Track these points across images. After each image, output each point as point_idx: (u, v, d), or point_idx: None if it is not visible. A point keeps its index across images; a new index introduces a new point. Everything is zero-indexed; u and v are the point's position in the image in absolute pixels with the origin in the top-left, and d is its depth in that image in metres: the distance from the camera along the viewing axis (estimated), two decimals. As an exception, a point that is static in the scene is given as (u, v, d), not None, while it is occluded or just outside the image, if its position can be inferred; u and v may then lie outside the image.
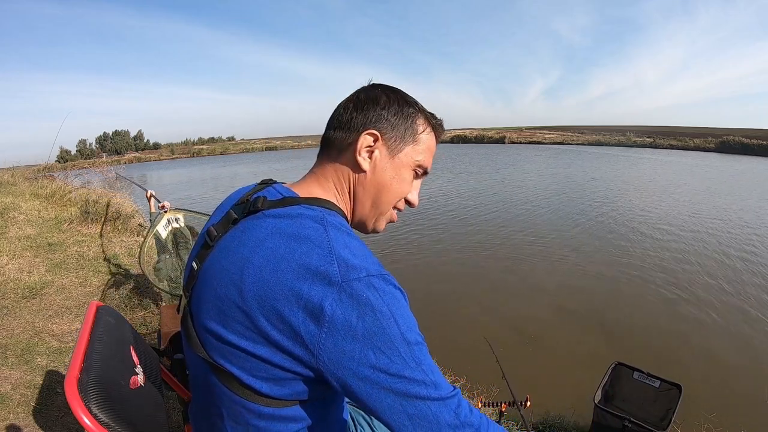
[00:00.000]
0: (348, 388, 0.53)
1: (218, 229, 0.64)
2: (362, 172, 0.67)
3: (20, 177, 6.46)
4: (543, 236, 6.98)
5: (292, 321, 0.52)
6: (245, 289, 0.54)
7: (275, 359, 0.54)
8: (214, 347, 0.58)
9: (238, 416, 0.61)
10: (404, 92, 0.71)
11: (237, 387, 0.58)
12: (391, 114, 0.67)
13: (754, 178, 14.93)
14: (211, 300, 0.58)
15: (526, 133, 44.88)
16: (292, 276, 0.52)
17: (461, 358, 3.07)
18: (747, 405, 2.81)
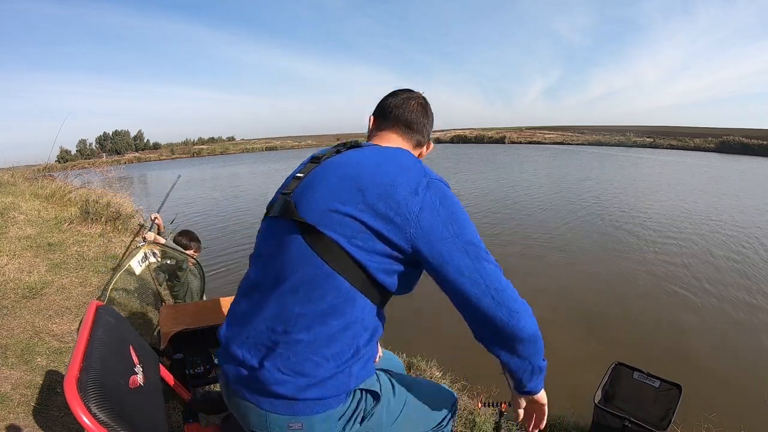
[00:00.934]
0: (433, 248, 0.74)
1: (321, 155, 0.89)
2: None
3: (20, 177, 6.47)
4: (542, 236, 6.98)
5: (398, 197, 0.74)
6: (361, 179, 0.76)
7: (376, 226, 0.73)
8: (324, 220, 0.75)
9: (317, 290, 0.74)
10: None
11: (334, 255, 0.74)
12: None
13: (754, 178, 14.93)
14: (326, 188, 0.78)
15: (526, 133, 44.87)
16: (396, 170, 0.77)
17: (461, 358, 3.07)
18: (747, 405, 2.81)
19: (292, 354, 0.74)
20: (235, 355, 0.79)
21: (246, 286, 0.85)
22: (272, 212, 0.85)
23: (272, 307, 0.77)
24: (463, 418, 1.95)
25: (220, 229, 8.28)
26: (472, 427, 1.89)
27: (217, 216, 9.70)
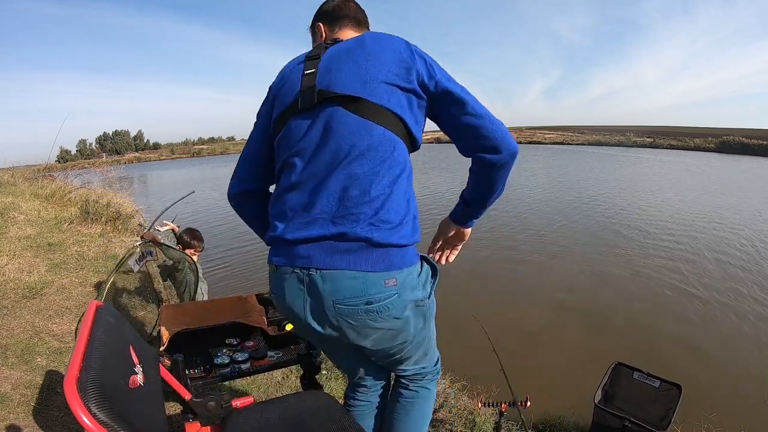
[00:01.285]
0: (443, 85, 0.90)
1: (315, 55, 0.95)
2: None
3: (20, 177, 6.47)
4: (542, 236, 6.98)
5: (410, 62, 0.89)
6: (379, 54, 0.90)
7: (408, 86, 0.88)
8: (366, 91, 0.87)
9: (380, 150, 0.86)
10: None
11: (384, 117, 0.87)
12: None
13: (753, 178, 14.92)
14: (353, 67, 0.89)
15: (526, 133, 44.88)
16: (395, 44, 0.92)
17: (461, 358, 3.07)
18: (747, 405, 2.81)
19: (377, 208, 0.84)
20: (310, 238, 0.85)
21: (292, 183, 0.90)
22: (302, 104, 0.90)
23: (339, 181, 0.85)
24: (463, 418, 1.95)
25: (216, 227, 8.28)
26: (472, 427, 1.89)
27: (215, 216, 9.70)
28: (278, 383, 2.15)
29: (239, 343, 1.50)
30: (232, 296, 1.83)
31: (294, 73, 0.96)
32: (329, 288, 0.84)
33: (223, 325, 1.51)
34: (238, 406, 1.17)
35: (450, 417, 1.95)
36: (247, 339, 1.52)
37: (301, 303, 0.88)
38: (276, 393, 2.07)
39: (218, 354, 1.42)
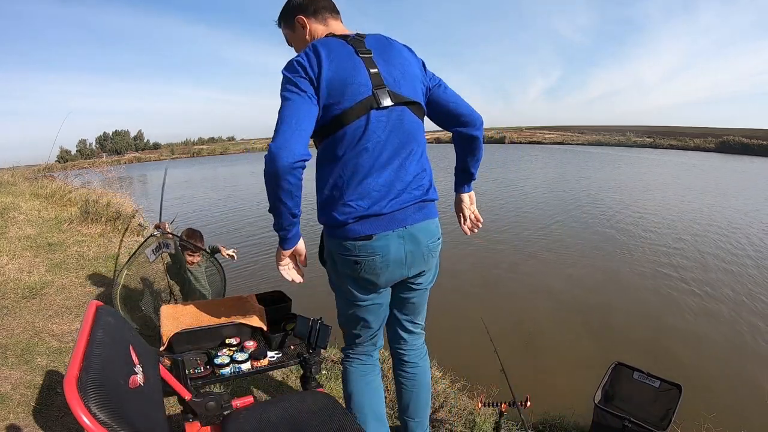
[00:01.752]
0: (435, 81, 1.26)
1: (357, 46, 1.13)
2: None
3: (20, 177, 6.46)
4: (543, 236, 6.98)
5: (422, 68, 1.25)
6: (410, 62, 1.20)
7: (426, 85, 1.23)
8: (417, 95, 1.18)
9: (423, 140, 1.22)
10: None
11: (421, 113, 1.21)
12: None
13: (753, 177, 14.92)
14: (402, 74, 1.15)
15: (526, 133, 44.87)
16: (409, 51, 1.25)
17: (461, 358, 3.07)
18: (747, 405, 2.81)
19: (430, 179, 1.23)
20: (401, 200, 1.14)
21: (371, 167, 1.10)
22: (382, 103, 1.09)
23: (411, 165, 1.16)
24: (463, 418, 1.95)
25: (215, 227, 8.29)
26: (472, 427, 1.89)
27: (214, 216, 9.71)
28: (278, 383, 2.15)
29: (239, 343, 1.50)
30: (232, 296, 1.83)
31: (349, 62, 1.09)
32: (423, 234, 1.19)
33: (223, 325, 1.51)
34: (238, 406, 1.17)
35: (450, 417, 1.95)
36: (247, 339, 1.52)
37: (402, 254, 1.16)
38: (276, 393, 2.07)
39: (218, 354, 1.42)
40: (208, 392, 1.20)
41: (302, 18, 1.20)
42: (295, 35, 1.24)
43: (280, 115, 1.04)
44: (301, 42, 1.24)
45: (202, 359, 1.42)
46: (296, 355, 1.49)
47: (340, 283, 1.25)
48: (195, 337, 1.46)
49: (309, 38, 1.21)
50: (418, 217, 1.17)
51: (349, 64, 1.08)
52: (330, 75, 1.06)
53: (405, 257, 1.17)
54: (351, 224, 1.11)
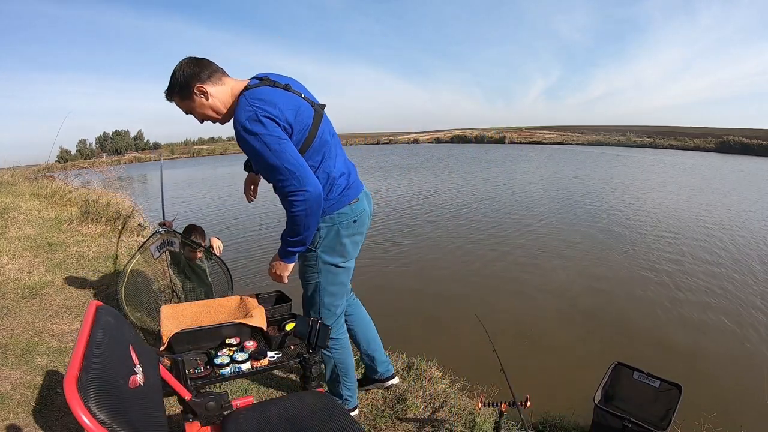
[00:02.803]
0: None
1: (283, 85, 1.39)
2: None
3: (20, 177, 6.46)
4: (542, 236, 6.98)
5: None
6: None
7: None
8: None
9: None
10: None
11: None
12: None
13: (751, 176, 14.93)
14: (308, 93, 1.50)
15: (526, 133, 44.86)
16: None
17: (461, 358, 3.07)
18: (747, 405, 2.81)
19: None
20: (354, 174, 1.60)
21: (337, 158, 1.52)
22: (319, 111, 1.45)
23: (342, 151, 1.59)
24: (463, 418, 1.95)
25: (215, 228, 8.28)
26: (472, 427, 1.89)
27: (214, 216, 9.71)
28: (278, 383, 2.15)
29: (239, 343, 1.50)
30: (232, 296, 1.83)
31: (292, 100, 1.37)
32: (369, 194, 1.66)
33: (223, 325, 1.51)
34: (238, 406, 1.17)
35: (450, 417, 1.95)
36: (247, 339, 1.52)
37: (369, 207, 1.64)
38: (276, 393, 2.07)
39: (218, 354, 1.42)
40: (208, 392, 1.20)
41: (201, 86, 1.33)
42: (196, 103, 1.37)
43: (291, 162, 1.28)
44: (206, 107, 1.38)
45: (202, 359, 1.42)
46: (296, 355, 1.49)
47: (334, 254, 1.56)
48: (195, 337, 1.46)
49: (213, 101, 1.36)
50: (362, 184, 1.63)
51: (292, 98, 1.36)
52: (290, 112, 1.33)
53: (370, 209, 1.65)
54: (344, 195, 1.51)
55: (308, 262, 1.58)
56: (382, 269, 5.54)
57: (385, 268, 5.60)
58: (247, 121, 1.25)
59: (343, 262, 1.59)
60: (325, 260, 1.56)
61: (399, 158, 26.25)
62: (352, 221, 1.54)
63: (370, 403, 2.00)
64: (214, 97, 1.36)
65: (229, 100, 1.39)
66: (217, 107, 1.38)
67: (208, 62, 1.36)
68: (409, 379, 2.23)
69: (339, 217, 1.51)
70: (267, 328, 1.57)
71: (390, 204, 10.04)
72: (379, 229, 7.50)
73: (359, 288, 2.02)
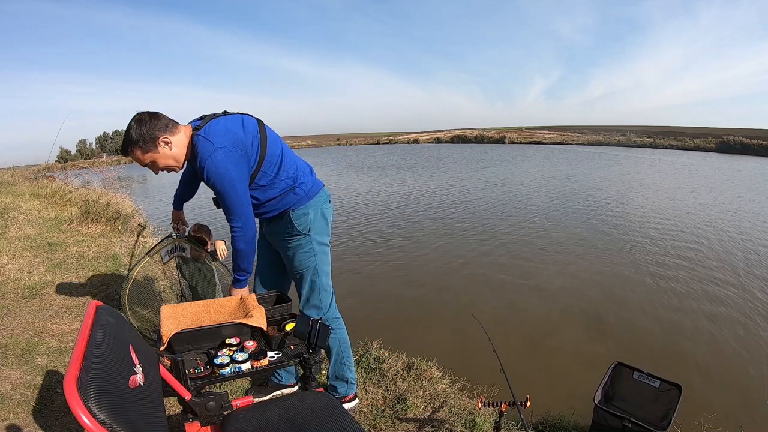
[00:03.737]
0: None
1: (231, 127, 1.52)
2: None
3: (20, 177, 6.47)
4: (542, 236, 6.98)
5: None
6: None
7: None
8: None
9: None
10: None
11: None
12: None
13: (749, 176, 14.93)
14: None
15: (526, 133, 44.85)
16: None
17: (461, 358, 3.07)
18: (747, 405, 2.81)
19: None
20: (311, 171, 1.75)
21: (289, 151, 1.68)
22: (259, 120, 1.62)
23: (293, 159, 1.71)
24: (463, 418, 1.95)
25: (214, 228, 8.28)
26: (472, 427, 1.89)
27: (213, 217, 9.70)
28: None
29: (239, 343, 1.50)
30: (232, 296, 1.83)
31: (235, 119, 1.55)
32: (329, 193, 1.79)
33: (223, 325, 1.51)
34: (238, 406, 1.17)
35: (450, 417, 1.95)
36: (247, 339, 1.52)
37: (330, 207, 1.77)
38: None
39: (218, 354, 1.42)
40: (208, 392, 1.20)
41: (165, 137, 1.44)
42: (160, 154, 1.46)
43: (239, 199, 1.49)
44: (169, 157, 1.48)
45: (202, 359, 1.42)
46: (296, 355, 1.49)
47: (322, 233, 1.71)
48: (195, 337, 1.46)
49: (175, 150, 1.47)
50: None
51: (236, 118, 1.54)
52: (247, 139, 1.51)
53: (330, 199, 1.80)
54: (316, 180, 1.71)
55: (304, 249, 1.69)
56: (382, 268, 5.55)
57: (385, 266, 5.60)
58: (209, 157, 1.41)
59: (329, 240, 1.77)
60: (319, 241, 1.70)
61: (398, 158, 26.26)
62: (327, 201, 1.74)
63: (370, 403, 2.00)
64: (175, 146, 1.46)
65: (185, 145, 1.50)
66: (178, 156, 1.49)
67: (162, 114, 1.47)
68: (409, 379, 2.23)
69: (319, 198, 1.68)
70: (267, 328, 1.56)
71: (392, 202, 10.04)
72: (380, 228, 7.50)
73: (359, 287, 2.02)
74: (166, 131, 1.44)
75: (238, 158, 1.46)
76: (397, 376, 2.21)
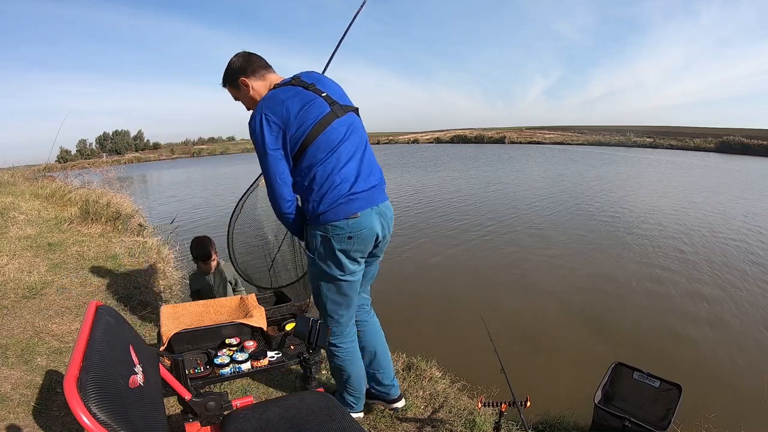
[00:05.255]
0: None
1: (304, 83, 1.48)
2: None
3: (20, 177, 6.47)
4: (543, 236, 6.98)
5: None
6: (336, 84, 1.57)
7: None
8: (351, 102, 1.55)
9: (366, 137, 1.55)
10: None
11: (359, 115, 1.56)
12: None
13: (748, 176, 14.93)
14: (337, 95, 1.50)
15: (526, 133, 44.84)
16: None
17: (461, 358, 3.07)
18: (747, 405, 2.81)
19: (380, 167, 1.56)
20: (368, 183, 1.46)
21: (344, 161, 1.42)
22: (340, 114, 1.44)
23: (367, 156, 1.50)
24: (463, 418, 1.95)
25: (214, 229, 8.28)
26: (472, 427, 1.89)
27: (213, 217, 9.71)
28: (278, 383, 2.15)
29: (239, 343, 1.50)
30: (232, 296, 1.83)
31: (301, 98, 1.41)
32: (388, 211, 1.54)
33: (223, 325, 1.51)
34: (238, 406, 1.17)
35: (450, 417, 1.95)
36: (247, 339, 1.52)
37: (379, 226, 1.49)
38: (276, 393, 2.07)
39: (218, 354, 1.42)
40: (208, 392, 1.20)
41: (244, 79, 1.49)
42: (241, 93, 1.53)
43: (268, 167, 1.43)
44: (247, 98, 1.53)
45: (202, 359, 1.42)
46: (296, 355, 1.49)
47: (333, 265, 1.49)
48: (195, 337, 1.46)
49: (253, 93, 1.51)
50: (382, 197, 1.52)
51: (304, 97, 1.42)
52: (295, 111, 1.39)
53: (381, 228, 1.50)
54: (341, 207, 1.41)
55: (311, 267, 1.56)
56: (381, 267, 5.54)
57: (383, 265, 5.60)
58: (252, 116, 1.43)
59: (343, 276, 1.51)
60: (323, 269, 1.51)
61: (397, 158, 26.25)
62: (346, 237, 1.43)
63: (370, 403, 2.00)
64: (254, 90, 1.50)
65: (263, 94, 1.50)
66: (255, 99, 1.50)
67: (256, 58, 1.51)
68: (409, 379, 2.23)
69: (332, 229, 1.43)
70: (267, 328, 1.57)
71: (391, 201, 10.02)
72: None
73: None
74: (249, 74, 1.49)
75: (276, 130, 1.39)
76: (397, 376, 2.21)
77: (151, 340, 2.40)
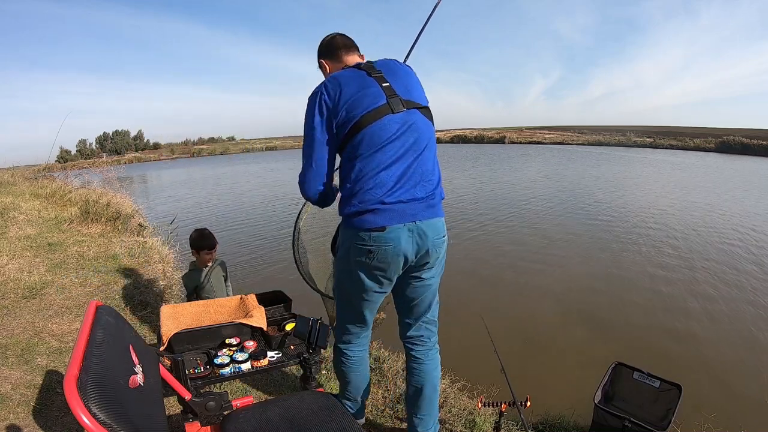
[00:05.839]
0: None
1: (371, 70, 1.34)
2: None
3: (20, 177, 6.47)
4: (543, 236, 6.98)
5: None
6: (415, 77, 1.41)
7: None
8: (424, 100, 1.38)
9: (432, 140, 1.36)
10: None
11: (431, 118, 1.38)
12: None
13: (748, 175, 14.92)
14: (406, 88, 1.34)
15: (526, 133, 44.82)
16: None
17: (461, 358, 3.07)
18: (747, 405, 2.81)
19: (438, 179, 1.35)
20: (412, 193, 1.27)
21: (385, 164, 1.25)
22: (395, 108, 1.28)
23: (421, 163, 1.29)
24: (463, 418, 1.95)
25: (215, 229, 8.28)
26: (472, 427, 1.89)
27: (213, 218, 9.71)
28: (278, 383, 2.15)
29: (239, 343, 1.50)
30: (232, 296, 1.83)
31: (361, 82, 1.30)
32: (431, 230, 1.29)
33: (223, 325, 1.51)
34: (238, 406, 1.17)
35: (450, 417, 1.95)
36: (247, 339, 1.52)
37: (410, 246, 1.27)
38: (276, 393, 2.07)
39: (218, 354, 1.42)
40: (208, 392, 1.20)
41: (322, 61, 1.52)
42: (322, 73, 1.54)
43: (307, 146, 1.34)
44: (327, 77, 1.46)
45: (202, 359, 1.42)
46: (296, 355, 1.49)
47: (349, 274, 1.35)
48: (195, 337, 1.46)
49: (328, 75, 1.44)
50: (427, 213, 1.29)
51: (362, 83, 1.30)
52: (347, 95, 1.28)
53: (413, 250, 1.28)
54: (367, 215, 1.25)
55: (335, 262, 1.47)
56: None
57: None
58: (311, 93, 1.36)
59: (358, 292, 1.37)
60: (341, 274, 1.40)
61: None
62: (366, 250, 1.26)
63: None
64: (329, 72, 1.49)
65: None
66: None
67: (339, 39, 1.49)
68: (409, 379, 2.23)
69: (351, 234, 1.29)
70: (267, 328, 1.57)
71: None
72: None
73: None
74: (326, 56, 1.50)
75: (326, 112, 1.30)
76: (397, 376, 2.20)
77: (151, 340, 2.40)
